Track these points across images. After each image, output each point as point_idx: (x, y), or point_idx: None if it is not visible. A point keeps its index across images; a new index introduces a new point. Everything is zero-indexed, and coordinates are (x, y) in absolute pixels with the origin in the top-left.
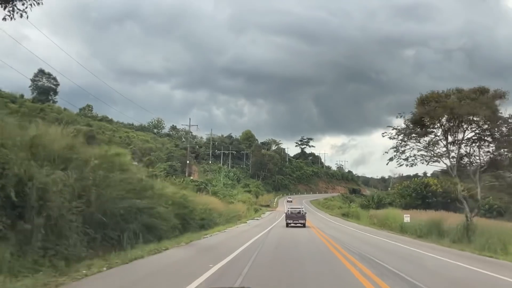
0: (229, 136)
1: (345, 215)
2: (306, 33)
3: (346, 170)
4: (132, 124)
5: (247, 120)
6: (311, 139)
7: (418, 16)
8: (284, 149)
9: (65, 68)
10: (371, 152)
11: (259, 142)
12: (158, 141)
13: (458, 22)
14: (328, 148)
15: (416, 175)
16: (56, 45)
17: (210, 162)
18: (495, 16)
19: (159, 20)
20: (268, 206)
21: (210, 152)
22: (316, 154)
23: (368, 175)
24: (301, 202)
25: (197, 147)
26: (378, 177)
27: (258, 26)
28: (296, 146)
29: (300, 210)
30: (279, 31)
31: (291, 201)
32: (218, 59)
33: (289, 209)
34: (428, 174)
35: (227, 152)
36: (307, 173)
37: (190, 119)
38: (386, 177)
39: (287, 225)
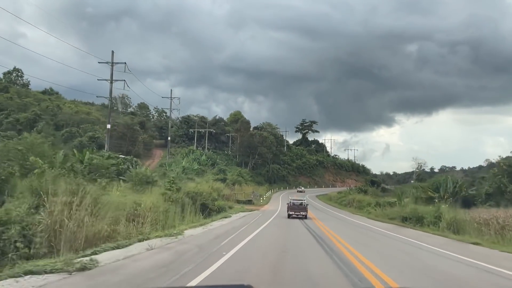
0: (215, 119)
1: (410, 221)
2: (306, 29)
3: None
4: (92, 103)
5: (247, 117)
6: (314, 122)
7: (421, 9)
8: (282, 134)
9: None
10: (373, 149)
11: (252, 128)
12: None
13: (462, 16)
14: (330, 145)
15: (443, 169)
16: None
17: (169, 138)
18: (499, 9)
19: (156, 17)
20: (250, 202)
21: (169, 126)
22: (320, 142)
23: (373, 172)
24: (304, 197)
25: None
26: (383, 173)
27: (257, 21)
28: (296, 131)
29: (302, 202)
30: (279, 26)
31: (303, 191)
32: (217, 56)
33: (291, 200)
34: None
35: (202, 130)
36: (310, 163)
37: (112, 52)
38: (391, 173)
39: (289, 216)
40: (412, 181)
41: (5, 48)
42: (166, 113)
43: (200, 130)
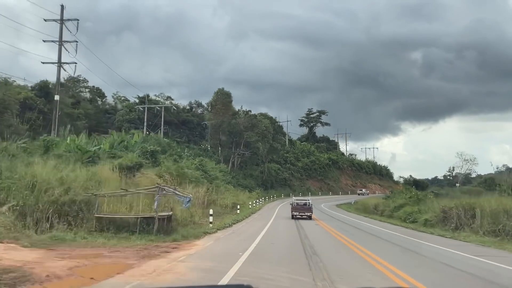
0: (191, 104)
1: None
2: (309, 38)
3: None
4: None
5: None
6: (323, 112)
7: (425, 15)
8: (278, 123)
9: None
10: (380, 158)
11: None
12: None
13: (466, 20)
14: (345, 140)
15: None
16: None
17: (56, 97)
18: (505, 14)
19: (157, 31)
20: (150, 223)
21: (58, 76)
22: (330, 139)
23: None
24: (318, 208)
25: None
26: None
27: (258, 32)
28: (301, 125)
29: (306, 202)
30: (280, 37)
31: (365, 194)
32: (218, 68)
33: (295, 201)
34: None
35: (156, 107)
36: (320, 162)
37: None
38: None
39: (293, 216)
40: (457, 184)
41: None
42: (128, 99)
43: (152, 106)
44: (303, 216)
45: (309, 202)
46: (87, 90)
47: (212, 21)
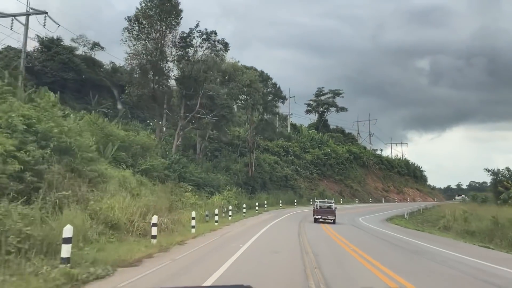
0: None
1: None
2: (314, 46)
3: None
4: None
5: None
6: (338, 93)
7: (432, 22)
8: (272, 80)
9: None
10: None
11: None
12: None
13: (474, 27)
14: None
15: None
16: None
17: None
18: None
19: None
20: None
21: None
22: (346, 132)
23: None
24: (363, 228)
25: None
26: None
27: (262, 41)
28: (308, 111)
29: (330, 205)
30: (285, 45)
31: (466, 199)
32: None
33: (318, 204)
34: None
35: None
36: (338, 155)
37: None
38: None
39: (315, 220)
40: None
41: None
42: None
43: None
44: (326, 220)
45: (332, 205)
46: None
47: (215, 30)
